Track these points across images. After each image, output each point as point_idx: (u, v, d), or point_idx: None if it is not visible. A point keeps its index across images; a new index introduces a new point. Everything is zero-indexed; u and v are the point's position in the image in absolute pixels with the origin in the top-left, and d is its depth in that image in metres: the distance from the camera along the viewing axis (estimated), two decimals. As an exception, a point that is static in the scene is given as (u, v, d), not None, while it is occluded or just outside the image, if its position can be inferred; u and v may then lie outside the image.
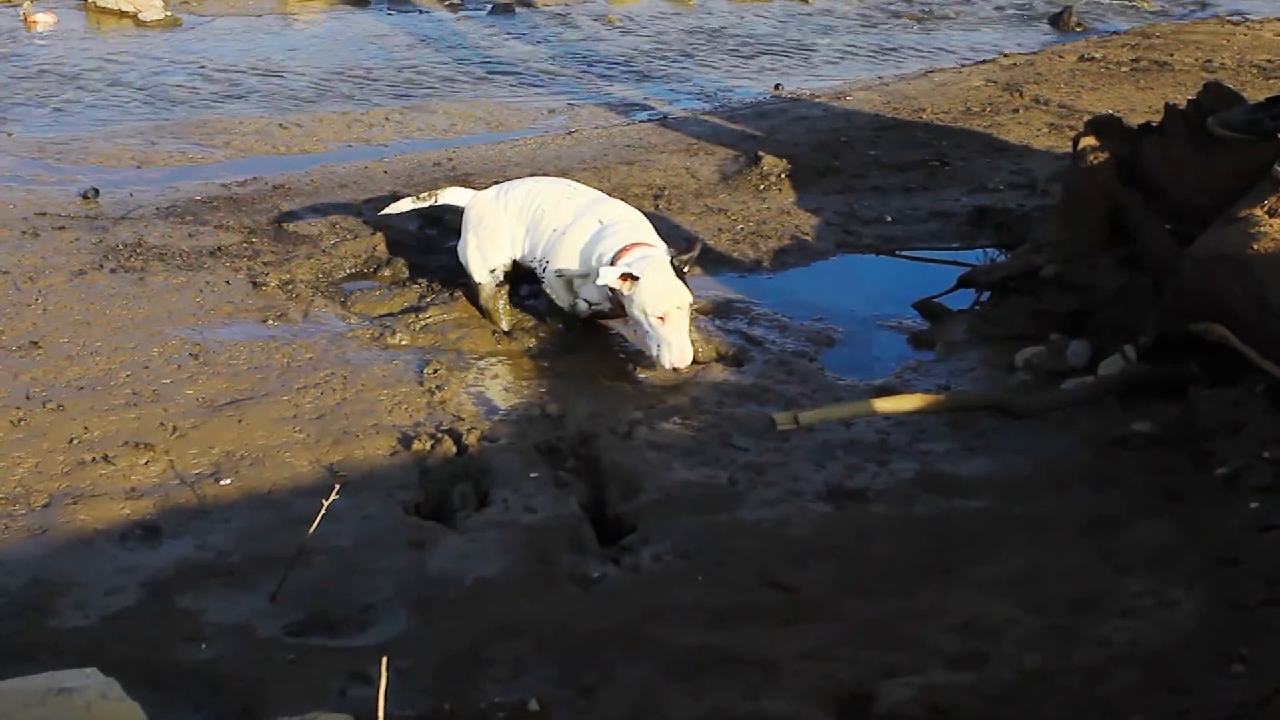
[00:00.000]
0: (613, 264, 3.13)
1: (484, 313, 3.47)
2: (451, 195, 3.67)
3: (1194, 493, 2.59)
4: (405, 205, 3.78)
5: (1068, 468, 2.75)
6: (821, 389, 3.16)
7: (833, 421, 2.94)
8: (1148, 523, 2.50)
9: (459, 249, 3.53)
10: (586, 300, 3.33)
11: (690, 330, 3.16)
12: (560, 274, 3.32)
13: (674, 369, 3.10)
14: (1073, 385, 3.07)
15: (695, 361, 3.17)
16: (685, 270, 3.17)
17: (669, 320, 3.07)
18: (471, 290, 3.50)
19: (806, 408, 3.01)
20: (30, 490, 2.60)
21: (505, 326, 3.44)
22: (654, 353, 3.11)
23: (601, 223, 3.29)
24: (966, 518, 2.56)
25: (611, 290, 3.14)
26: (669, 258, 3.14)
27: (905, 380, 3.24)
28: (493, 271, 3.42)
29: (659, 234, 3.35)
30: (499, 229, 3.41)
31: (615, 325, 3.47)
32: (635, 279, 3.06)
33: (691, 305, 3.13)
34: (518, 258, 3.43)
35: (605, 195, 3.50)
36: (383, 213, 3.90)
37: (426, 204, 3.73)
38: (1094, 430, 2.87)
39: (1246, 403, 2.77)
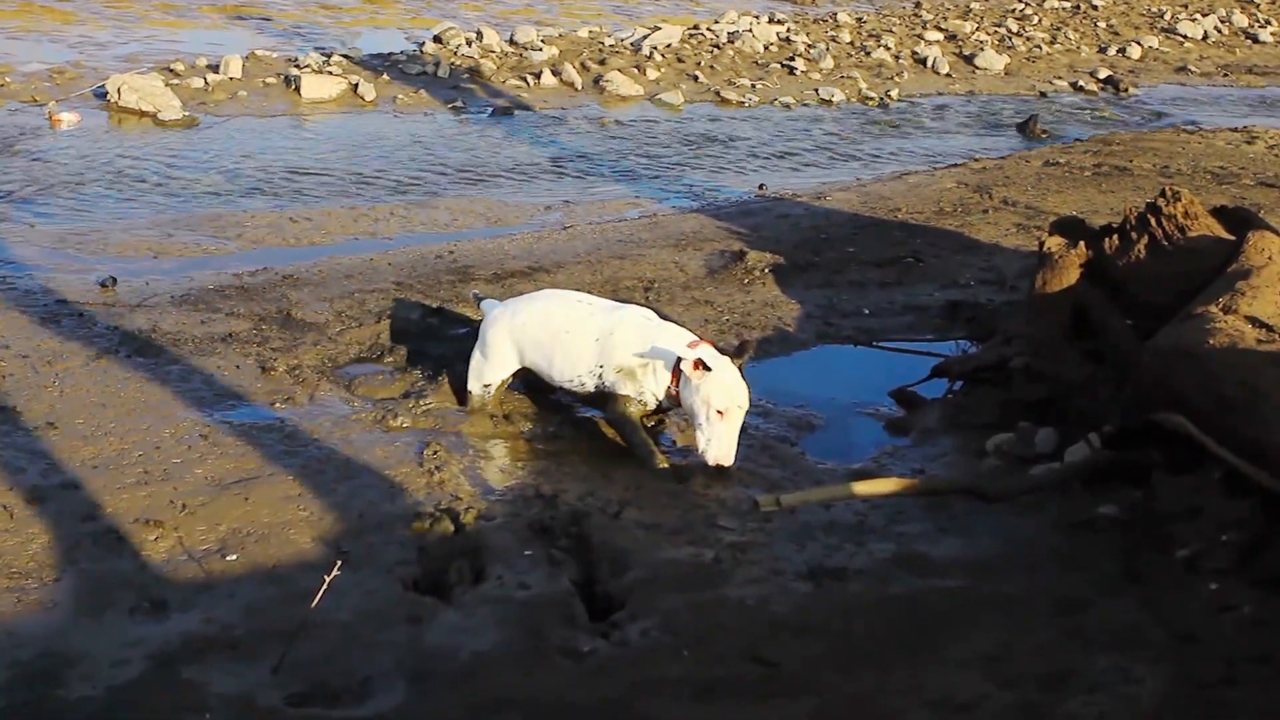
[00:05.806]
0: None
1: (465, 407, 3.57)
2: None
3: (1156, 574, 2.70)
4: None
5: (1036, 549, 2.87)
6: (802, 472, 3.29)
7: (813, 504, 3.07)
8: (1113, 602, 2.60)
9: (471, 356, 3.60)
10: (654, 392, 3.30)
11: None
12: (621, 369, 3.31)
13: (716, 465, 3.14)
14: (1041, 470, 3.21)
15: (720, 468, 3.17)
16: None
17: (727, 416, 3.13)
18: (463, 388, 3.60)
19: (788, 490, 3.14)
20: (43, 565, 2.68)
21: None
22: (701, 446, 3.15)
23: (647, 319, 3.37)
24: (940, 597, 2.66)
25: (673, 382, 3.18)
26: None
27: (882, 465, 3.38)
28: (486, 386, 3.56)
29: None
30: (501, 350, 3.51)
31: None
32: (708, 369, 3.13)
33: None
34: (529, 365, 3.50)
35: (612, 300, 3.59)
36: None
37: None
38: (1061, 513, 3.00)
39: (1205, 489, 2.89)
